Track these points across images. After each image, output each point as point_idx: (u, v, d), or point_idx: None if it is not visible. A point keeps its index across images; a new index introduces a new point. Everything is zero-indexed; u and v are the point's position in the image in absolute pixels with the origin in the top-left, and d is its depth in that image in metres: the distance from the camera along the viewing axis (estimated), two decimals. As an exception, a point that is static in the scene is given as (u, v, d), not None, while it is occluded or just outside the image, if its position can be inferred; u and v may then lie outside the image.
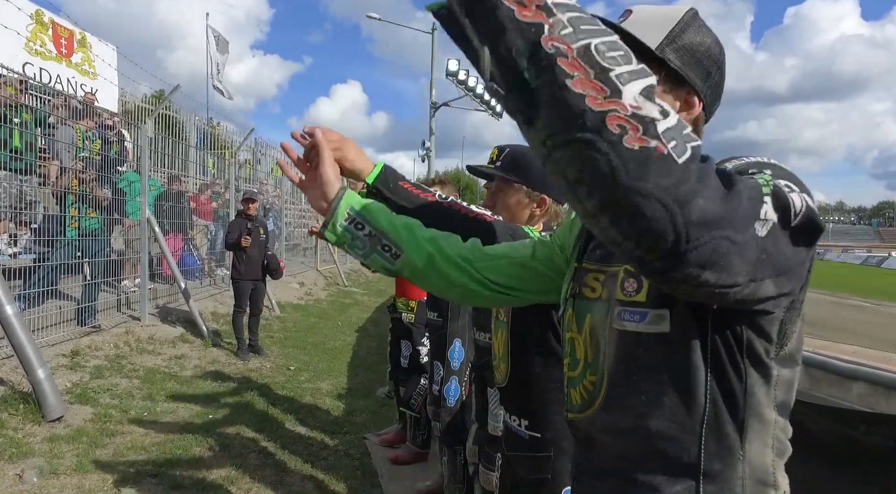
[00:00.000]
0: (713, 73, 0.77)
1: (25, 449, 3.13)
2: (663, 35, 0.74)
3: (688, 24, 0.76)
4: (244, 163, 11.16)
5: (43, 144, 5.51)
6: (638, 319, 0.71)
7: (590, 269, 0.82)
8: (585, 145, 0.49)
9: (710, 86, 0.77)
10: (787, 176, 0.62)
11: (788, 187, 0.60)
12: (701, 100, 0.77)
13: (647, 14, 0.77)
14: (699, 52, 0.76)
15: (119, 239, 6.31)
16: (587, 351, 0.80)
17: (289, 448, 3.52)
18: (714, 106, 0.80)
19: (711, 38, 0.77)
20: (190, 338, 5.91)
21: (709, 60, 0.76)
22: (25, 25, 8.16)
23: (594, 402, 0.77)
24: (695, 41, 0.75)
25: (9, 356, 3.85)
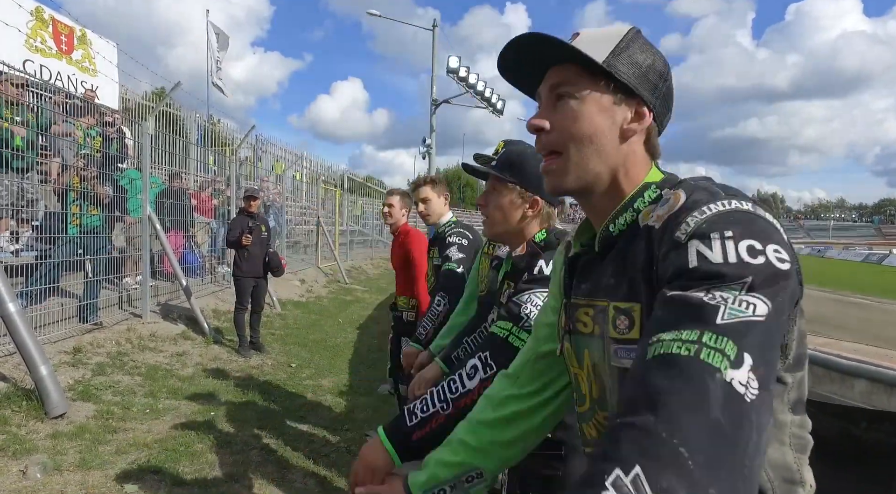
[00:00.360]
0: (660, 85, 0.79)
1: (29, 446, 3.14)
2: (609, 50, 0.78)
3: (631, 40, 0.79)
4: (245, 160, 11.15)
5: (43, 142, 5.51)
6: (634, 356, 0.71)
7: (579, 304, 0.82)
8: None
9: (658, 97, 0.79)
10: (749, 229, 0.61)
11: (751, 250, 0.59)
12: (651, 111, 0.78)
13: (592, 34, 0.81)
14: (644, 66, 0.78)
15: (120, 236, 6.31)
16: (592, 387, 0.81)
17: (291, 445, 3.53)
18: (665, 117, 0.82)
19: (655, 53, 0.80)
20: (191, 336, 5.92)
21: (654, 74, 0.79)
22: (26, 22, 8.15)
23: None
24: (639, 56, 0.78)
25: (11, 353, 3.87)
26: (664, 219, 0.68)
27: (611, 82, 0.77)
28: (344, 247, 15.16)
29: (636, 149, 0.80)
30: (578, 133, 0.78)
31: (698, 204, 0.65)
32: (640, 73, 0.78)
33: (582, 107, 0.78)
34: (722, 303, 0.56)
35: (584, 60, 0.77)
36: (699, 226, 0.62)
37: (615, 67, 0.77)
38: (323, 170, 16.77)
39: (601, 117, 0.77)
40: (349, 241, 16.23)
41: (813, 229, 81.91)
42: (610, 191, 0.80)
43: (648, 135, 0.80)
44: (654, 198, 0.76)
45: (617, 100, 0.78)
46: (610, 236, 0.78)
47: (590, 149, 0.78)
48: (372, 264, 16.48)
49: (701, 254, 0.60)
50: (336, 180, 17.07)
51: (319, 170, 16.53)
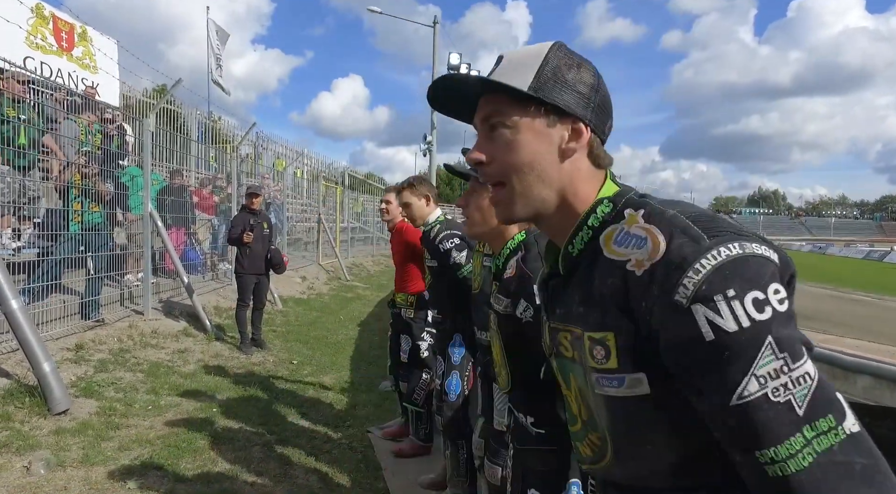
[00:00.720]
0: (592, 96, 0.78)
1: (32, 442, 3.16)
2: (532, 74, 0.76)
3: (554, 58, 0.77)
4: (245, 157, 11.15)
5: (53, 140, 5.50)
6: (616, 385, 0.71)
7: (558, 329, 0.82)
8: None
9: (592, 110, 0.78)
10: (746, 279, 0.62)
11: (756, 303, 0.61)
12: (587, 125, 0.77)
13: (516, 57, 0.80)
14: (572, 82, 0.77)
15: (121, 233, 6.32)
16: (581, 409, 0.81)
17: (292, 442, 3.54)
18: (605, 125, 0.80)
19: (581, 65, 0.79)
20: (193, 332, 5.94)
21: (584, 86, 0.78)
22: (26, 19, 8.14)
23: (605, 456, 0.78)
24: (565, 73, 0.77)
25: (14, 349, 3.88)
26: (646, 266, 0.66)
27: (541, 106, 0.76)
28: (345, 244, 15.17)
29: (580, 165, 0.79)
30: (517, 162, 0.77)
31: (687, 261, 0.63)
32: (569, 91, 0.77)
33: (516, 135, 0.77)
34: (784, 392, 0.59)
35: (510, 91, 0.76)
36: (698, 288, 0.61)
37: (542, 91, 0.76)
38: (324, 168, 16.77)
39: (537, 143, 0.77)
40: (350, 238, 16.24)
41: (814, 226, 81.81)
42: (561, 212, 0.80)
43: (591, 148, 0.79)
44: (607, 212, 0.75)
45: (550, 122, 0.77)
46: (570, 257, 0.78)
47: (531, 176, 0.78)
48: (373, 261, 16.49)
49: (712, 323, 0.60)
50: (337, 177, 17.07)
51: (320, 168, 16.53)
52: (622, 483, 0.78)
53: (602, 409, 0.75)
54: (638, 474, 0.75)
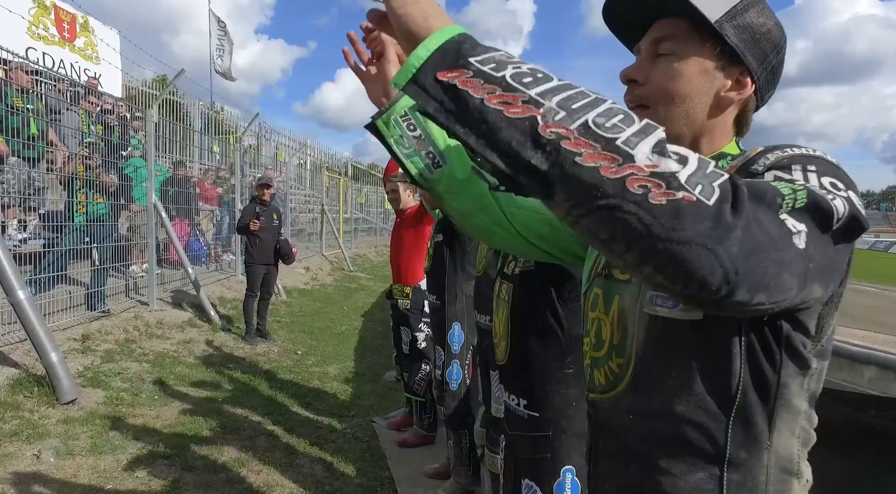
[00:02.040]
0: (770, 56, 0.74)
1: (42, 431, 3.19)
2: (725, 10, 0.72)
3: (751, 3, 0.74)
4: (248, 147, 11.13)
5: (54, 131, 5.50)
6: (671, 305, 0.69)
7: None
8: (611, 209, 0.49)
9: (765, 69, 0.74)
10: (831, 171, 0.61)
11: (834, 186, 0.58)
12: (754, 82, 0.74)
13: None
14: (759, 33, 0.73)
15: (126, 224, 6.34)
16: (614, 333, 0.78)
17: (297, 432, 3.57)
18: (769, 91, 0.78)
19: (773, 21, 0.75)
20: (198, 323, 5.97)
21: (768, 43, 0.74)
22: (28, 9, 8.11)
23: (619, 384, 0.77)
24: (756, 21, 0.73)
25: (22, 340, 3.91)
26: (737, 166, 0.66)
27: (717, 44, 0.73)
28: (348, 235, 15.18)
29: (727, 119, 0.77)
30: (672, 92, 0.75)
31: (779, 147, 0.64)
32: (753, 40, 0.73)
33: (682, 66, 0.74)
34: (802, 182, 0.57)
35: (695, 16, 0.72)
36: (779, 160, 0.60)
37: (726, 30, 0.72)
38: (327, 158, 16.73)
39: (699, 80, 0.74)
40: (353, 229, 16.25)
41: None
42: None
43: (745, 107, 0.76)
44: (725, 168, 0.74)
45: (720, 65, 0.74)
46: None
47: (679, 110, 0.75)
48: (376, 252, 16.50)
49: (779, 178, 0.59)
50: (340, 168, 17.03)
51: (323, 158, 16.49)
52: (624, 419, 0.76)
53: (642, 331, 0.73)
54: (646, 408, 0.73)
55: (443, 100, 0.53)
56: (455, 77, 0.52)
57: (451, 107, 0.52)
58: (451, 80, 0.52)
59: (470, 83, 0.52)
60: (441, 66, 0.53)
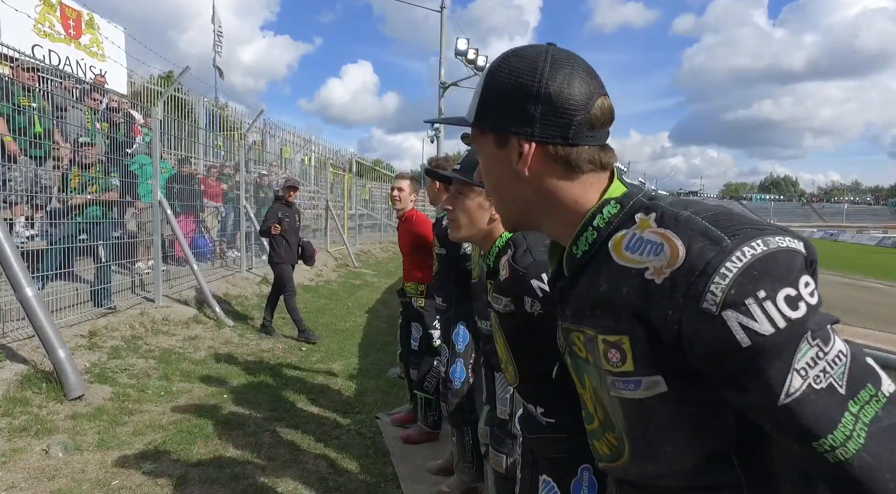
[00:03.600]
0: (530, 107, 0.73)
1: (50, 426, 3.24)
2: (478, 100, 0.78)
3: (491, 78, 0.76)
4: (253, 144, 11.15)
5: (58, 129, 5.53)
6: (633, 387, 0.70)
7: (570, 328, 0.80)
8: None
9: (534, 121, 0.73)
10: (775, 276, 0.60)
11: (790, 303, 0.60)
12: (528, 140, 0.74)
13: (480, 78, 0.82)
14: (506, 99, 0.75)
15: (132, 221, 6.38)
16: (597, 409, 0.81)
17: (302, 428, 3.60)
18: (567, 129, 0.73)
19: (521, 74, 0.73)
20: (203, 319, 6.01)
21: (518, 99, 0.73)
22: (34, 6, 8.14)
23: (622, 455, 0.78)
24: (498, 92, 0.75)
25: (30, 336, 3.95)
26: (666, 274, 0.64)
27: (486, 134, 0.79)
28: (353, 232, 15.21)
29: (552, 176, 0.76)
30: (489, 185, 0.83)
31: (711, 265, 0.61)
32: (504, 109, 0.75)
33: (483, 161, 0.83)
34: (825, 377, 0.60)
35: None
36: (726, 293, 0.59)
37: (479, 117, 0.78)
38: (331, 155, 16.75)
39: (495, 167, 0.80)
40: (358, 226, 16.28)
41: (826, 212, 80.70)
42: (554, 221, 0.79)
43: (553, 157, 0.74)
44: (614, 213, 0.73)
45: (500, 145, 0.78)
46: (575, 259, 0.77)
47: (500, 197, 0.82)
48: (381, 248, 16.53)
49: (747, 328, 0.59)
50: (345, 164, 17.05)
51: (328, 155, 16.51)
52: (640, 482, 0.78)
53: (618, 411, 0.74)
54: (657, 473, 0.74)
55: None
56: None
57: None
58: None
59: None
60: None
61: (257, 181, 9.96)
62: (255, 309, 7.05)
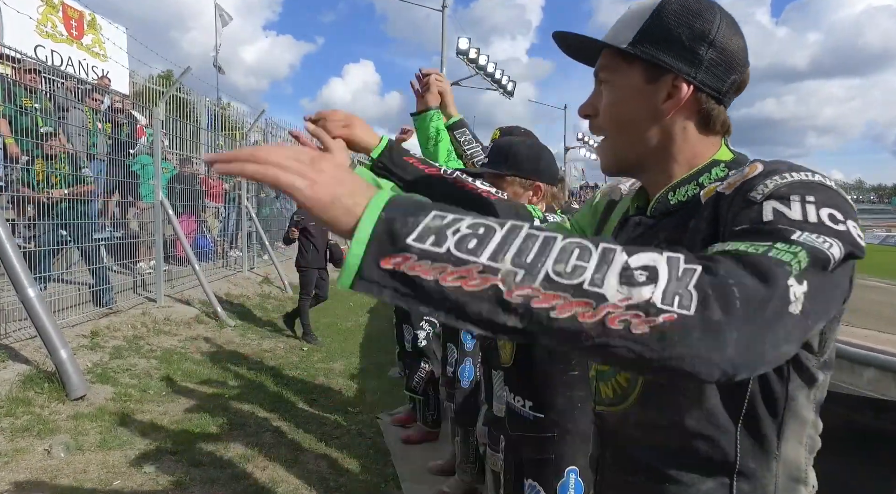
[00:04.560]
0: (702, 50, 0.71)
1: (52, 426, 3.25)
2: (637, 28, 0.74)
3: (665, 8, 0.73)
4: (255, 144, 11.16)
5: (59, 129, 5.53)
6: None
7: None
8: (600, 347, 0.49)
9: (699, 65, 0.72)
10: (831, 201, 0.59)
11: (832, 218, 0.57)
12: (689, 83, 0.72)
13: (633, 9, 0.77)
14: (678, 34, 0.72)
15: (133, 221, 6.40)
16: None
17: (303, 428, 3.60)
18: (723, 83, 0.73)
19: (699, 14, 0.72)
20: (205, 319, 6.02)
21: (693, 39, 0.71)
22: (36, 7, 8.16)
23: (628, 398, 0.77)
24: (672, 24, 0.72)
25: (32, 336, 3.97)
26: (736, 185, 0.65)
27: (639, 62, 0.74)
28: (354, 231, 15.18)
29: (685, 126, 0.75)
30: (615, 119, 0.78)
31: (778, 171, 0.62)
32: (674, 45, 0.72)
33: (615, 92, 0.77)
34: (798, 230, 0.55)
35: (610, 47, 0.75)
36: (777, 188, 0.59)
37: (642, 46, 0.73)
38: (333, 154, 16.76)
39: (634, 100, 0.75)
40: (359, 225, 16.25)
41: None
42: (660, 171, 0.78)
43: (697, 107, 0.74)
44: (721, 176, 0.73)
45: (650, 79, 0.74)
46: (667, 205, 0.76)
47: (627, 133, 0.77)
48: (382, 248, 16.54)
49: (778, 211, 0.57)
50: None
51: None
52: (632, 432, 0.76)
53: None
54: (655, 423, 0.73)
55: (395, 287, 0.50)
56: (399, 263, 0.49)
57: (407, 291, 0.49)
58: (396, 267, 0.49)
59: (417, 267, 0.48)
60: (381, 255, 0.49)
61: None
62: (257, 309, 7.07)
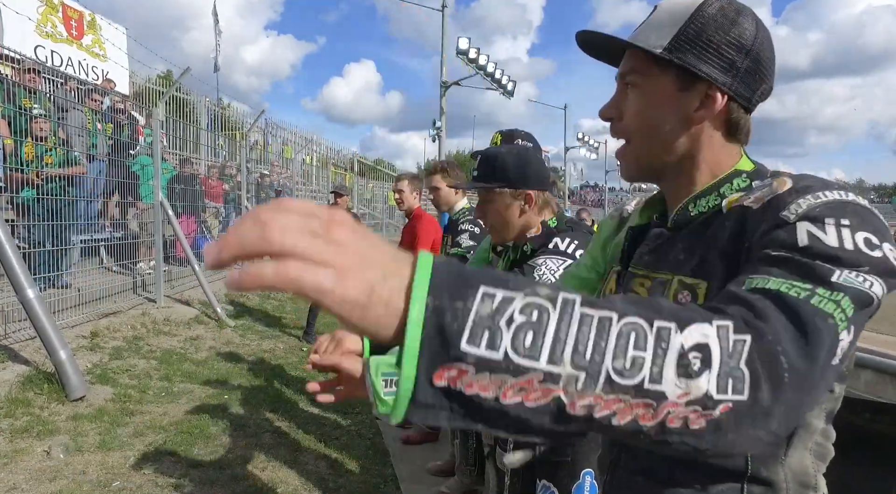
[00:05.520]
0: (739, 60, 0.70)
1: (51, 427, 3.25)
2: (672, 33, 0.71)
3: (702, 13, 0.71)
4: (254, 144, 11.17)
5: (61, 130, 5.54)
6: None
7: (636, 274, 0.79)
8: (655, 444, 0.47)
9: (735, 75, 0.70)
10: (865, 223, 0.57)
11: (868, 243, 0.55)
12: (724, 93, 0.71)
13: (666, 10, 0.74)
14: (716, 42, 0.70)
15: (133, 221, 6.40)
16: None
17: (302, 428, 3.61)
18: (755, 92, 0.73)
19: (736, 21, 0.71)
20: (205, 320, 6.03)
21: (731, 49, 0.70)
22: (36, 7, 8.17)
23: None
24: (710, 31, 0.70)
25: (31, 337, 3.97)
26: (765, 199, 0.63)
27: (673, 68, 0.72)
28: (354, 231, 15.17)
29: (711, 134, 0.74)
30: (643, 124, 0.75)
31: (810, 189, 0.60)
32: (711, 53, 0.70)
33: (644, 97, 0.74)
34: (838, 270, 0.53)
35: (643, 52, 0.73)
36: (811, 208, 0.57)
37: (678, 52, 0.71)
38: (333, 154, 16.77)
39: (664, 107, 0.73)
40: (359, 225, 16.25)
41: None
42: (683, 179, 0.77)
43: (728, 117, 0.73)
44: (743, 187, 0.72)
45: (682, 87, 0.72)
46: (687, 216, 0.75)
47: (653, 140, 0.75)
48: (382, 248, 16.53)
49: (813, 235, 0.55)
50: (346, 164, 17.08)
51: (329, 154, 16.54)
52: (641, 447, 0.76)
53: None
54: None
55: (451, 408, 0.42)
56: (455, 378, 0.41)
57: (464, 411, 0.43)
58: (452, 384, 0.41)
59: (475, 383, 0.41)
60: (433, 367, 0.40)
61: (259, 181, 9.98)
62: (257, 310, 7.07)
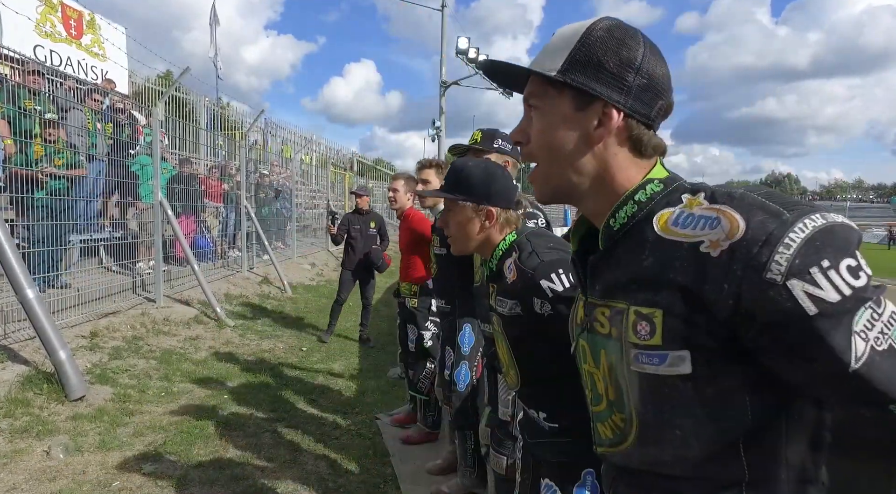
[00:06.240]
0: (630, 78, 0.73)
1: (51, 427, 3.25)
2: (564, 57, 0.75)
3: (591, 35, 0.74)
4: (254, 143, 11.16)
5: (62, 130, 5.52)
6: (657, 362, 0.69)
7: (596, 304, 0.79)
8: None
9: (629, 93, 0.74)
10: (837, 249, 0.61)
11: (851, 270, 0.61)
12: (620, 110, 0.74)
13: (560, 36, 0.77)
14: (606, 62, 0.73)
15: (133, 221, 6.40)
16: (608, 388, 0.78)
17: (302, 428, 3.60)
18: (651, 108, 0.75)
19: (624, 42, 0.74)
20: (204, 320, 6.03)
21: (621, 67, 0.73)
22: (35, 7, 8.15)
23: (627, 438, 0.77)
24: (599, 52, 0.73)
25: (31, 337, 3.97)
26: (723, 246, 0.63)
27: (568, 90, 0.75)
28: (354, 231, 15.20)
29: (615, 152, 0.76)
30: (546, 146, 0.78)
31: (774, 236, 0.61)
32: (602, 73, 0.73)
33: (545, 119, 0.77)
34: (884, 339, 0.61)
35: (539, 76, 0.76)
36: (791, 263, 0.60)
37: (570, 74, 0.74)
38: (332, 154, 16.76)
39: (564, 127, 0.76)
40: (359, 225, 16.26)
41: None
42: (597, 196, 0.78)
43: (628, 134, 0.75)
44: (658, 191, 0.73)
45: (579, 107, 0.75)
46: (612, 230, 0.76)
47: (558, 160, 0.77)
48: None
49: (813, 296, 0.59)
50: (345, 163, 17.07)
51: (329, 154, 16.53)
52: (639, 468, 0.76)
53: (634, 388, 0.72)
54: (659, 459, 0.73)
55: None
56: None
57: None
58: None
59: None
60: None
61: (258, 181, 9.97)
62: (257, 310, 7.07)
